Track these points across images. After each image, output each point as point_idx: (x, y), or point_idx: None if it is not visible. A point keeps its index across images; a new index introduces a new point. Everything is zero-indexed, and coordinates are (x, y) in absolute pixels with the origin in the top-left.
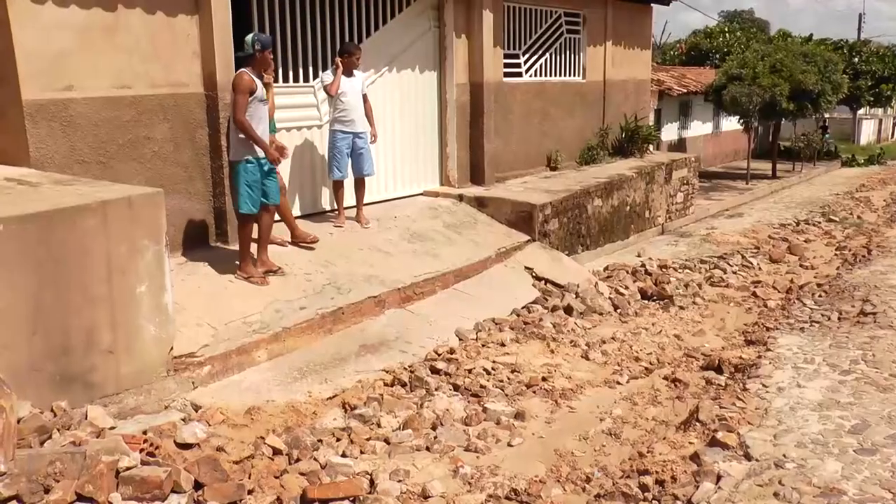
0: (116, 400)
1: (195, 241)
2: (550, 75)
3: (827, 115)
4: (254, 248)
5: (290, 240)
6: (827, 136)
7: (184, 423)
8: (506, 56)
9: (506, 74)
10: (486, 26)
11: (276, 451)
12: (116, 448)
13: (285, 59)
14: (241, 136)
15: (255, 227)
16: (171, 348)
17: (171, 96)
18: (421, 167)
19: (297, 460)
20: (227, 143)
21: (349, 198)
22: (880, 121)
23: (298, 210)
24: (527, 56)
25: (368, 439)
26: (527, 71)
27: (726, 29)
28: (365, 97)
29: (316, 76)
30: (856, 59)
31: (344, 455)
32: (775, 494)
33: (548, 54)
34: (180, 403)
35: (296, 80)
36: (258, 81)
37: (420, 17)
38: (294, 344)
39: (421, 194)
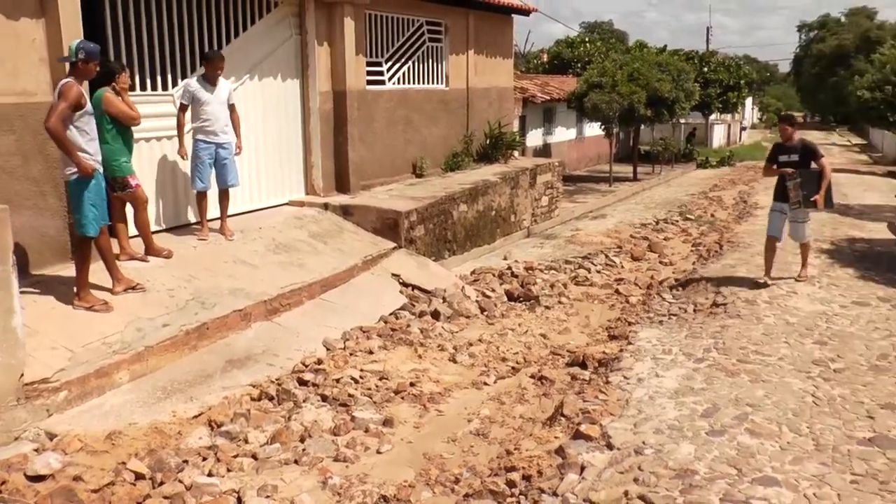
0: None
1: (48, 260)
2: (414, 83)
3: (683, 122)
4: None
5: (142, 255)
6: (693, 140)
7: (36, 453)
8: (369, 64)
9: (369, 82)
10: (347, 34)
11: (139, 476)
12: None
13: (142, 66)
14: (78, 151)
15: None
16: (22, 375)
17: (15, 106)
18: (286, 176)
19: (161, 483)
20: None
21: (214, 209)
22: (729, 126)
23: (162, 223)
24: (390, 64)
25: (235, 456)
26: (390, 79)
27: (587, 39)
28: (232, 107)
29: (175, 84)
30: (705, 69)
31: (210, 474)
32: (635, 480)
33: (411, 62)
34: (33, 433)
35: (154, 88)
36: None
37: (281, 25)
38: (157, 363)
39: (286, 204)
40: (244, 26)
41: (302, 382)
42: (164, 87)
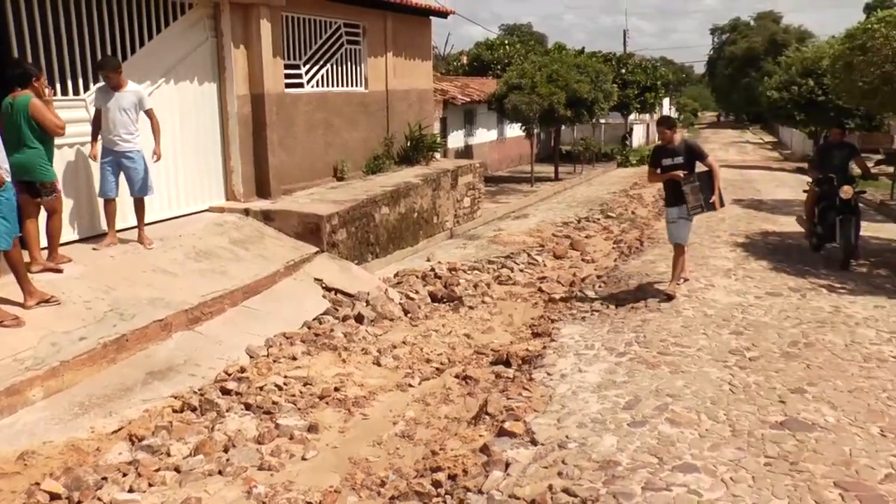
0: None
1: None
2: (333, 86)
3: (603, 122)
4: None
5: (55, 265)
6: (629, 139)
7: None
8: (287, 67)
9: (288, 85)
10: (264, 36)
11: (54, 496)
12: None
13: (50, 70)
14: None
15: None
16: None
17: None
18: (205, 182)
19: (79, 502)
20: None
21: (131, 218)
22: (648, 125)
23: (77, 234)
24: (308, 67)
25: (157, 470)
26: (308, 82)
27: (506, 41)
28: (149, 112)
29: (87, 89)
30: (623, 71)
31: (131, 490)
32: (559, 473)
33: (329, 65)
34: None
35: (64, 93)
36: None
37: (196, 27)
38: (74, 378)
39: (206, 210)
40: (158, 29)
41: (225, 391)
42: (76, 92)
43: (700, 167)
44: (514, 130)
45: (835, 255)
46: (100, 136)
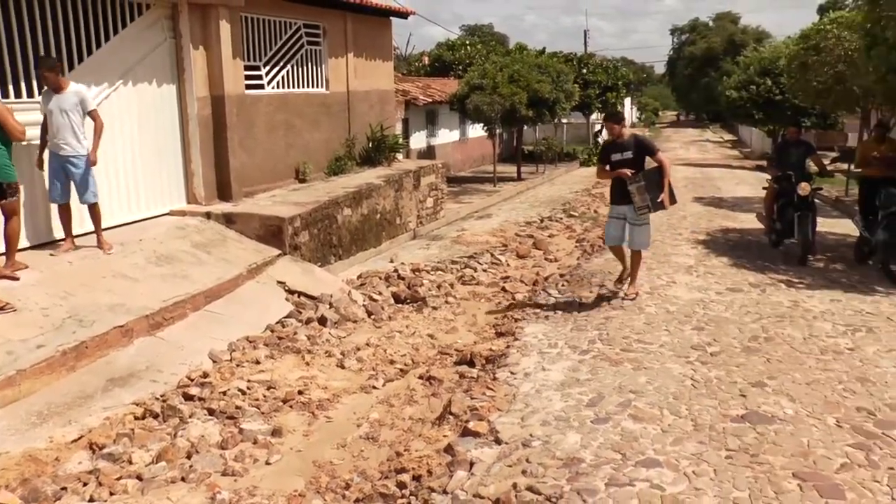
0: None
1: None
2: (294, 87)
3: (565, 121)
4: None
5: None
6: (599, 139)
7: None
8: (247, 68)
9: (248, 87)
10: (223, 37)
11: None
12: None
13: (2, 72)
14: None
15: None
16: None
17: None
18: (165, 186)
19: None
20: None
21: (90, 223)
22: None
23: (33, 240)
24: (268, 68)
25: (119, 478)
26: (269, 83)
27: (468, 42)
28: (93, 114)
29: (42, 90)
30: (584, 71)
31: (91, 500)
32: (523, 472)
33: (290, 66)
34: None
35: (17, 95)
36: None
37: (154, 28)
38: (32, 386)
39: (167, 214)
40: (115, 30)
41: (188, 397)
42: (30, 94)
43: (651, 163)
44: (476, 131)
45: (793, 251)
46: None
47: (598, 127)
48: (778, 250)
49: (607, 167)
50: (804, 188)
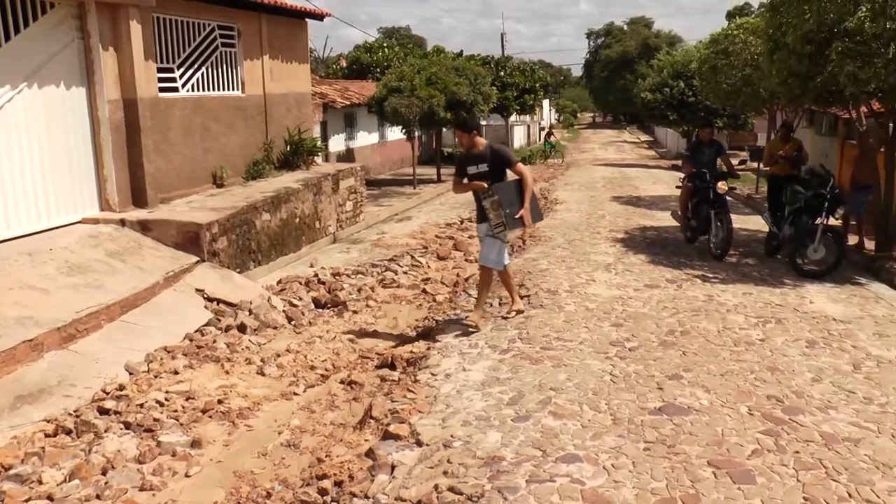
0: None
1: None
2: (209, 90)
3: (484, 123)
4: None
5: None
6: (550, 144)
7: None
8: (160, 70)
9: (162, 90)
10: (135, 38)
11: None
12: None
13: None
14: None
15: None
16: None
17: None
18: (77, 192)
19: None
20: None
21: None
22: (528, 127)
23: None
24: (182, 70)
25: (28, 500)
26: (183, 86)
27: (385, 44)
28: None
29: None
30: (502, 73)
31: None
32: (444, 472)
33: (204, 68)
34: None
35: None
36: None
37: (60, 28)
38: None
39: (80, 222)
40: (17, 29)
41: (103, 411)
42: None
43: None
44: (395, 133)
45: (706, 247)
46: None
47: (519, 128)
48: (693, 247)
49: (465, 180)
50: (722, 187)
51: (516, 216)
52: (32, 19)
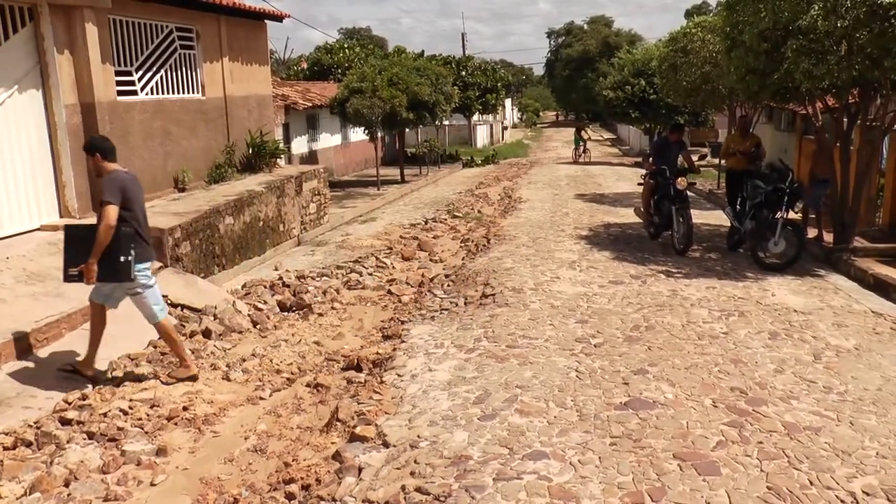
0: None
1: None
2: (169, 93)
3: (447, 123)
4: None
5: None
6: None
7: None
8: (118, 73)
9: (120, 93)
10: (91, 41)
11: None
12: None
13: None
14: None
15: None
16: None
17: None
18: (34, 199)
19: None
20: None
21: None
22: (491, 126)
23: None
24: (141, 73)
25: None
26: (142, 89)
27: (346, 45)
28: None
29: None
30: (463, 73)
31: None
32: (412, 473)
33: (163, 71)
34: None
35: None
36: None
37: (17, 34)
38: None
39: (38, 229)
40: None
41: (65, 422)
42: None
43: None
44: (358, 134)
45: (670, 242)
46: None
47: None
48: (657, 242)
49: None
50: (682, 182)
51: (74, 271)
52: None
